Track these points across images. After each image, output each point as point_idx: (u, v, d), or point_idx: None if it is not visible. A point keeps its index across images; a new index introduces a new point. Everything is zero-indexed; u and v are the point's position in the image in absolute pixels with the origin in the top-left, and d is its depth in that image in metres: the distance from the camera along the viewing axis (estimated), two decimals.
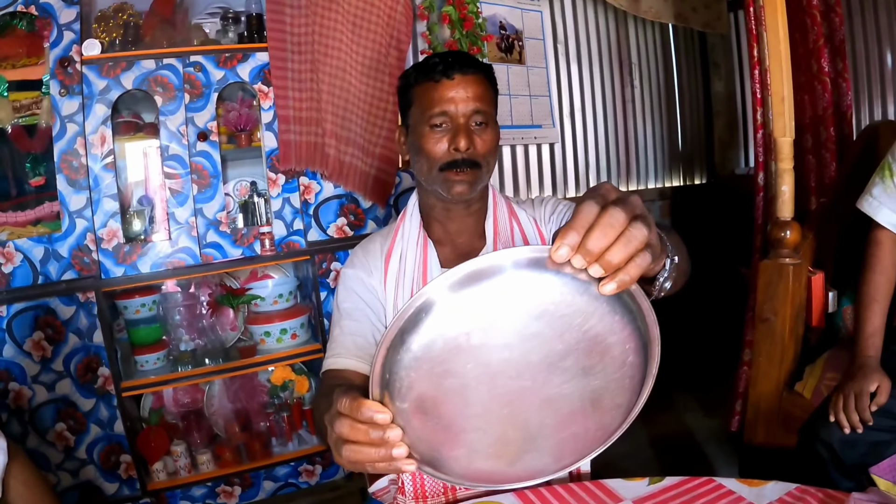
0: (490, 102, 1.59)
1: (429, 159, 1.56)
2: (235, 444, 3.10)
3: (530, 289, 0.80)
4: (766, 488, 1.22)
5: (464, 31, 3.32)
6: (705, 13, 4.59)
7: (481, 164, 1.55)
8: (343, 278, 1.70)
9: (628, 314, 0.83)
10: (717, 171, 5.24)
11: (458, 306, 0.81)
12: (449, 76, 1.53)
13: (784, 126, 2.40)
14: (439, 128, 1.54)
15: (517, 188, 3.99)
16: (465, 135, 1.51)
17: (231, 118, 3.07)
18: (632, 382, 0.89)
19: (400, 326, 0.82)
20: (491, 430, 0.89)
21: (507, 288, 0.80)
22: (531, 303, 0.80)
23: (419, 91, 1.58)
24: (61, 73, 2.70)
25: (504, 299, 0.80)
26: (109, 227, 2.79)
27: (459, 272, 0.80)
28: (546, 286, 0.79)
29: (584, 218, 0.72)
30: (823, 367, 2.40)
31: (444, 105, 1.53)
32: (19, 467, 1.53)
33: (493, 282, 0.80)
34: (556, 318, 0.81)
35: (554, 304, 0.80)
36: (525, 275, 0.79)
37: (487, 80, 1.60)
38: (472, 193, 1.57)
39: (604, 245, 0.71)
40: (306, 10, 2.94)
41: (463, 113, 1.53)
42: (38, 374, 2.71)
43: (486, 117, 1.56)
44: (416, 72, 1.60)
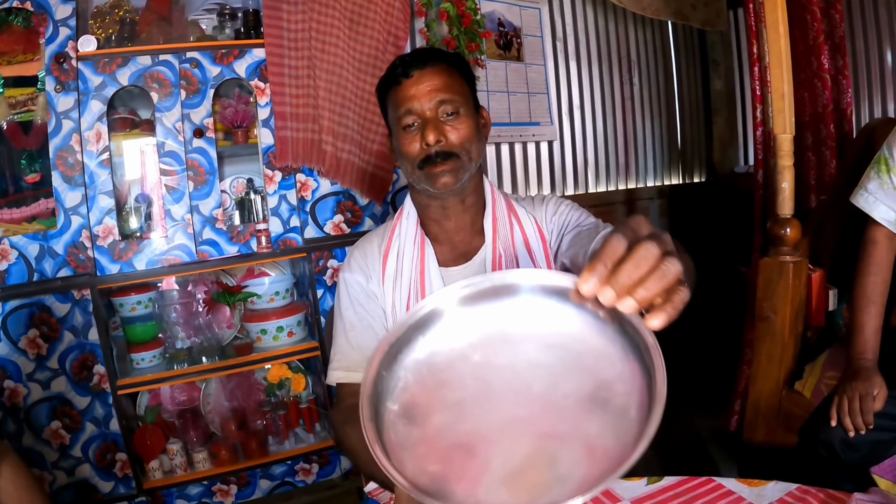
0: (457, 90, 1.57)
1: (407, 159, 1.57)
2: (232, 443, 3.09)
3: (548, 317, 0.79)
4: (767, 488, 1.21)
5: (462, 28, 3.31)
6: (704, 10, 4.58)
7: (459, 153, 1.54)
8: (343, 283, 1.69)
9: (642, 366, 0.80)
10: (716, 169, 5.23)
11: (472, 318, 0.80)
12: (408, 74, 1.54)
13: (784, 123, 2.39)
14: (411, 127, 1.55)
15: (515, 186, 3.98)
16: (432, 128, 1.51)
17: (227, 115, 3.06)
18: (627, 436, 0.87)
19: (409, 324, 0.81)
20: (474, 453, 0.86)
21: (525, 311, 0.79)
22: (546, 331, 0.79)
23: (390, 96, 1.60)
24: (57, 70, 2.69)
25: (519, 322, 0.79)
26: (105, 224, 2.77)
27: (479, 284, 0.78)
28: (565, 318, 0.79)
29: (614, 250, 0.71)
30: (823, 366, 2.39)
31: (408, 103, 1.53)
32: (9, 467, 1.52)
33: (511, 301, 0.79)
34: (568, 353, 0.80)
35: (570, 337, 0.79)
36: (544, 302, 0.78)
37: (453, 69, 1.59)
38: (458, 183, 1.56)
39: (636, 278, 0.70)
40: (303, 7, 2.93)
41: (428, 107, 1.52)
42: (33, 372, 2.70)
43: (455, 105, 1.54)
44: (384, 77, 1.62)
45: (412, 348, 0.81)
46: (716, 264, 3.96)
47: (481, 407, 0.83)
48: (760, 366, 2.48)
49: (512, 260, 1.61)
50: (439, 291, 0.80)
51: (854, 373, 2.01)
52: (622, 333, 0.79)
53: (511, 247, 1.62)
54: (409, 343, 0.81)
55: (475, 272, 1.62)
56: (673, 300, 0.71)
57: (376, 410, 0.83)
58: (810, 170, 3.06)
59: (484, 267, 1.62)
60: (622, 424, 0.85)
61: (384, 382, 0.83)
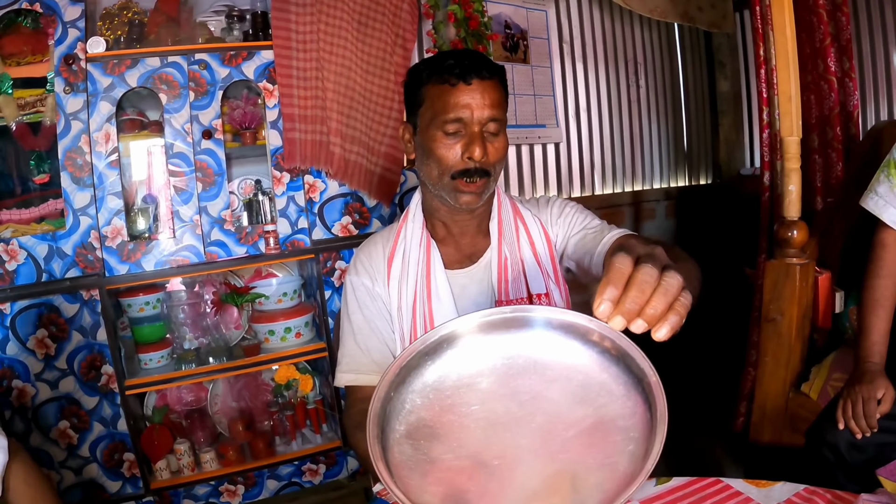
0: (503, 109, 1.55)
1: (440, 165, 1.53)
2: (239, 443, 3.10)
3: (555, 351, 0.80)
4: (775, 489, 1.21)
5: (469, 30, 3.32)
6: (711, 12, 4.58)
7: (491, 172, 1.53)
8: (350, 286, 1.69)
9: (644, 404, 0.83)
10: (722, 171, 5.22)
11: (482, 347, 0.81)
12: (467, 81, 1.48)
13: (791, 125, 2.39)
14: (453, 135, 1.50)
15: (522, 188, 3.98)
16: (479, 144, 1.48)
17: (236, 116, 3.06)
18: (624, 470, 0.88)
19: (419, 350, 0.81)
20: (474, 478, 0.89)
21: (533, 344, 0.80)
22: (552, 365, 0.80)
23: (432, 92, 1.53)
24: (66, 71, 2.70)
25: (527, 354, 0.80)
26: (113, 224, 2.78)
27: (493, 315, 0.79)
28: (572, 353, 0.80)
29: (620, 271, 0.74)
30: (830, 368, 2.39)
31: (459, 111, 1.48)
32: (20, 465, 1.53)
33: (522, 335, 0.80)
34: (572, 387, 0.82)
35: (575, 372, 0.81)
36: (553, 336, 0.79)
37: (501, 85, 1.56)
38: (479, 203, 1.55)
39: (642, 302, 0.73)
40: (311, 9, 2.94)
41: (478, 120, 1.49)
42: (42, 372, 2.71)
43: (499, 125, 1.52)
44: (428, 70, 1.55)
45: (421, 372, 0.82)
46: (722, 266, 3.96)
47: (483, 433, 0.85)
48: (767, 367, 2.48)
49: (518, 263, 1.61)
50: (455, 319, 0.81)
51: (861, 375, 2.01)
52: (628, 372, 0.81)
53: (517, 250, 1.62)
54: (418, 367, 0.82)
55: (480, 274, 1.62)
56: (677, 309, 0.74)
57: (383, 430, 0.85)
58: (817, 172, 3.06)
59: (489, 269, 1.62)
60: (621, 457, 0.87)
61: (392, 403, 0.84)
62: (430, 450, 0.86)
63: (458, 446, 0.86)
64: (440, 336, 0.81)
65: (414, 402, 0.83)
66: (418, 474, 0.88)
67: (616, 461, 0.87)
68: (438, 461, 0.87)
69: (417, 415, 0.84)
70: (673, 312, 0.73)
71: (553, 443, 0.85)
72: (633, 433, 0.84)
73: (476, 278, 1.62)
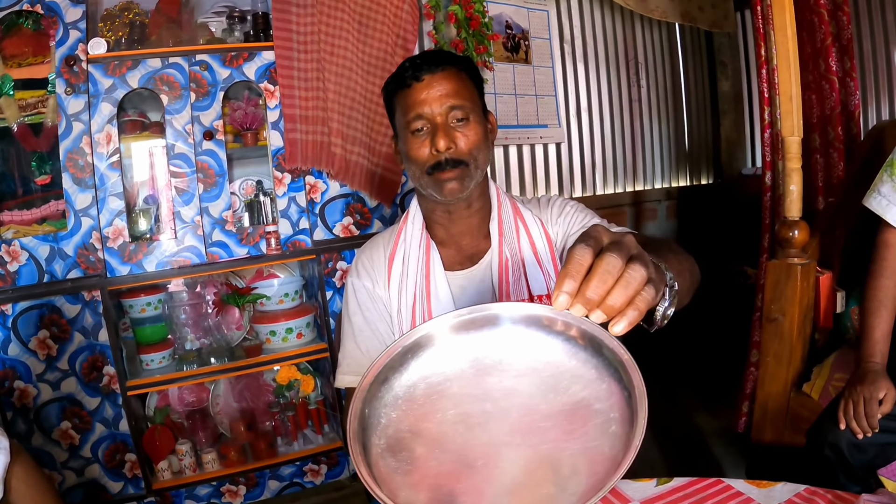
0: (467, 96, 1.54)
1: (415, 165, 1.55)
2: (240, 444, 3.10)
3: (521, 345, 0.80)
4: (776, 489, 1.21)
5: (470, 31, 3.32)
6: (712, 12, 4.59)
7: (467, 161, 1.53)
8: (350, 288, 1.70)
9: (618, 384, 0.82)
10: (723, 171, 5.23)
11: (448, 352, 0.81)
12: (418, 78, 1.51)
13: (792, 125, 2.39)
14: (420, 132, 1.52)
15: (523, 188, 3.98)
16: (443, 134, 1.49)
17: (237, 117, 3.07)
18: (611, 452, 0.87)
19: (386, 364, 0.82)
20: (461, 480, 0.89)
21: (499, 341, 0.80)
22: (519, 359, 0.81)
23: (397, 99, 1.57)
24: (67, 72, 2.70)
25: (493, 353, 0.81)
26: (115, 225, 2.79)
27: (456, 318, 0.80)
28: (538, 345, 0.80)
29: (579, 263, 0.72)
30: (831, 368, 2.39)
31: (418, 108, 1.51)
32: (21, 466, 1.53)
33: (486, 333, 0.80)
34: (542, 378, 0.81)
35: (542, 363, 0.81)
36: (518, 331, 0.79)
37: (463, 73, 1.57)
38: (465, 191, 1.55)
39: (603, 292, 0.71)
40: (312, 9, 2.94)
41: (438, 112, 1.50)
42: (44, 373, 2.71)
43: (465, 111, 1.52)
44: (392, 80, 1.59)
45: (391, 386, 0.83)
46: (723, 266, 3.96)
47: (462, 437, 0.85)
48: (768, 367, 2.48)
49: (518, 263, 1.61)
50: (418, 328, 0.81)
51: (862, 376, 2.01)
52: (598, 355, 0.81)
53: (518, 250, 1.62)
54: (387, 381, 0.83)
55: (481, 276, 1.62)
56: (636, 304, 0.72)
57: (364, 446, 0.85)
58: (818, 172, 3.06)
59: (490, 270, 1.62)
60: (604, 440, 0.86)
61: (368, 419, 0.84)
62: (412, 459, 0.86)
63: (440, 452, 0.86)
64: (405, 346, 0.81)
65: (389, 415, 0.84)
66: (406, 484, 0.88)
67: (600, 444, 0.86)
68: (423, 469, 0.87)
69: (394, 427, 0.84)
70: (632, 307, 0.72)
71: (533, 435, 0.85)
72: (613, 414, 0.83)
73: (476, 279, 1.62)
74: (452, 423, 0.84)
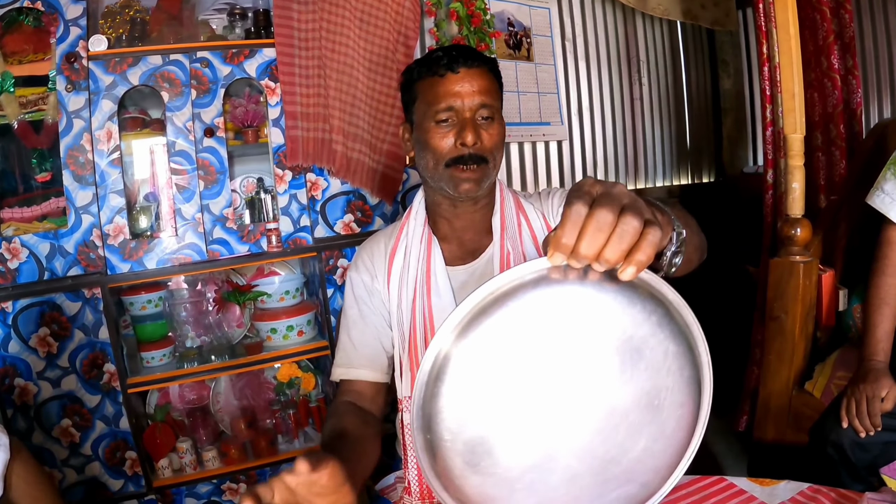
0: (495, 96, 1.57)
1: (435, 155, 1.55)
2: (241, 442, 3.09)
3: (541, 310, 0.78)
4: (779, 487, 1.21)
5: (471, 28, 3.32)
6: (714, 10, 4.58)
7: (488, 158, 1.54)
8: (349, 282, 1.72)
9: (651, 301, 0.80)
10: (725, 169, 5.23)
11: (477, 352, 0.79)
12: (454, 70, 1.52)
13: (794, 122, 2.39)
14: (445, 123, 1.52)
15: (525, 185, 3.98)
16: (471, 129, 1.50)
17: (238, 114, 3.06)
18: (683, 380, 0.85)
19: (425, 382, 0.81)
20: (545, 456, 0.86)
21: (526, 315, 0.78)
22: (547, 324, 0.78)
23: (423, 86, 1.57)
24: (68, 69, 2.70)
25: (529, 333, 0.78)
26: (115, 222, 2.78)
27: (460, 313, 0.78)
28: (556, 299, 0.77)
29: (573, 219, 0.71)
30: (833, 366, 2.39)
31: (449, 99, 1.51)
32: (21, 464, 1.53)
33: (507, 310, 0.78)
34: (580, 330, 0.79)
35: (571, 314, 0.78)
36: (542, 295, 0.77)
37: (492, 73, 1.59)
38: (479, 191, 1.56)
39: (597, 248, 0.70)
40: (314, 6, 2.93)
41: (469, 107, 1.51)
42: (44, 370, 2.71)
43: (491, 111, 1.54)
44: (419, 67, 1.59)
45: (439, 410, 0.82)
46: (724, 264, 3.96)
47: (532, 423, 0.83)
48: (770, 366, 2.48)
49: (520, 257, 1.61)
50: (435, 339, 0.80)
51: (864, 374, 2.01)
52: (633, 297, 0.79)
53: (519, 244, 1.62)
54: (434, 401, 0.82)
55: (482, 270, 1.62)
56: (643, 248, 0.71)
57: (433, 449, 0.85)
58: (820, 170, 3.07)
59: (491, 265, 1.62)
60: (670, 370, 0.84)
61: (432, 437, 0.84)
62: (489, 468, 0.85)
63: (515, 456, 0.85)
64: (433, 360, 0.80)
65: (446, 440, 0.83)
66: None
67: (667, 375, 0.85)
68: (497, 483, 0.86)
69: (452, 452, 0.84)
70: (639, 252, 0.71)
71: (601, 388, 0.83)
72: (662, 335, 0.82)
73: (477, 274, 1.62)
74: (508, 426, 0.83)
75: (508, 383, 0.81)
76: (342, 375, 1.65)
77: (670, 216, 0.91)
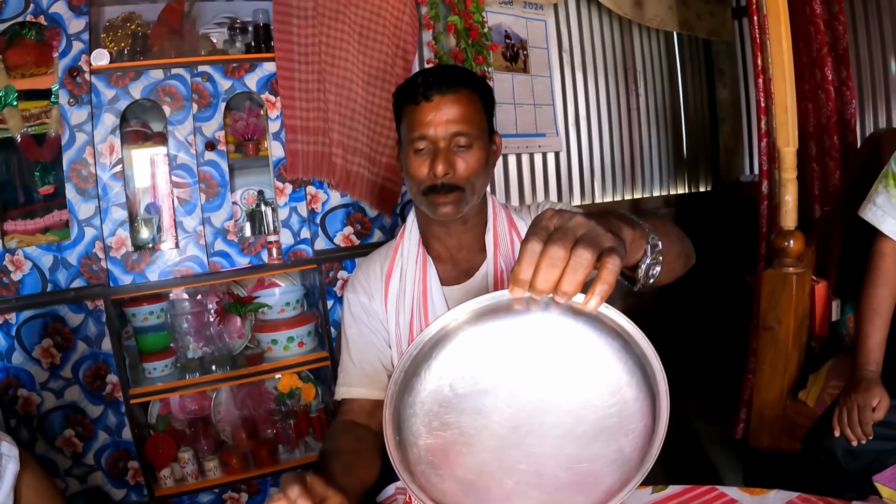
0: (474, 122, 1.55)
1: (413, 182, 1.57)
2: (242, 451, 3.11)
3: (500, 333, 0.82)
4: (769, 497, 1.23)
5: (469, 41, 3.34)
6: (710, 21, 4.62)
7: (463, 186, 1.54)
8: (346, 303, 1.73)
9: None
10: (722, 178, 5.25)
11: (437, 373, 0.84)
12: (428, 98, 1.51)
13: (787, 136, 2.41)
14: (421, 151, 1.53)
15: (522, 197, 4.00)
16: (443, 160, 1.50)
17: (238, 128, 3.09)
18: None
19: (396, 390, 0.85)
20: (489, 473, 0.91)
21: (474, 340, 0.83)
22: (506, 348, 0.83)
23: (405, 111, 1.58)
24: (70, 83, 2.72)
25: (478, 349, 0.83)
26: (118, 235, 2.80)
27: (422, 341, 0.83)
28: (536, 335, 0.82)
29: (528, 256, 0.75)
30: (827, 376, 2.41)
31: (422, 129, 1.51)
32: (30, 475, 1.54)
33: (456, 340, 0.83)
34: (543, 354, 0.83)
35: (536, 339, 0.82)
36: (487, 326, 0.82)
37: (475, 95, 1.57)
38: (458, 214, 1.57)
39: (552, 282, 0.74)
40: (313, 21, 2.96)
41: (442, 136, 1.51)
42: (47, 381, 2.73)
43: (469, 139, 1.53)
44: (401, 90, 1.59)
45: (408, 417, 0.86)
46: (722, 273, 3.98)
47: (486, 432, 0.87)
48: (764, 375, 2.50)
49: None
50: (406, 353, 0.84)
51: (856, 383, 2.04)
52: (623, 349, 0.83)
53: (513, 261, 1.62)
54: (404, 411, 0.86)
55: (477, 289, 1.64)
56: (604, 278, 0.75)
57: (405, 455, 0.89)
58: (814, 180, 3.09)
59: (486, 282, 1.63)
60: (625, 440, 0.88)
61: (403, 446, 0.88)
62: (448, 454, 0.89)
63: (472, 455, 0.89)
64: (407, 366, 0.84)
65: (419, 446, 0.88)
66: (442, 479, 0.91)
67: (620, 445, 0.88)
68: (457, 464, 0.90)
69: (426, 449, 0.89)
70: (600, 282, 0.75)
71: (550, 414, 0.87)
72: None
73: (472, 293, 1.63)
74: (474, 427, 0.86)
75: (470, 399, 0.85)
76: (344, 395, 1.67)
77: (644, 229, 0.94)
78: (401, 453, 0.89)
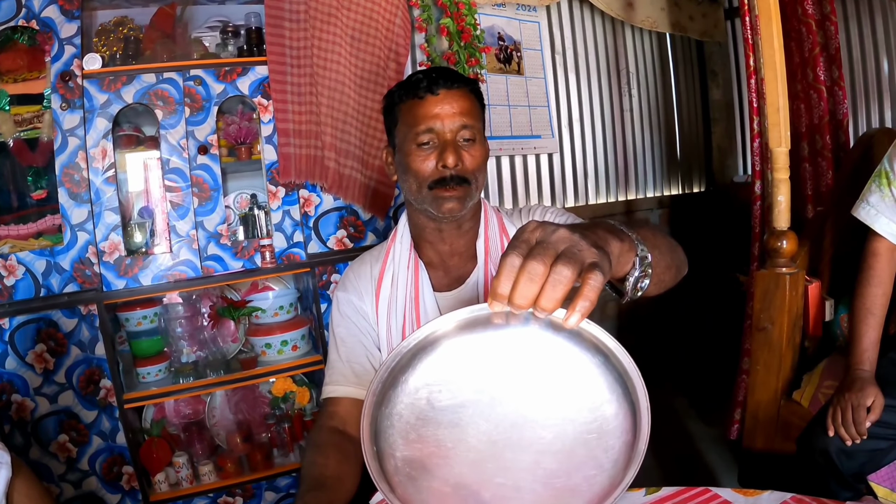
0: (476, 117, 1.58)
1: (417, 178, 1.55)
2: (237, 456, 3.11)
3: (479, 346, 0.82)
4: (762, 498, 1.24)
5: (462, 43, 3.34)
6: (702, 22, 4.63)
7: (470, 180, 1.55)
8: (336, 302, 1.73)
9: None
10: (715, 178, 5.26)
11: (416, 384, 0.83)
12: (434, 92, 1.52)
13: (779, 136, 2.41)
14: (426, 145, 1.53)
15: (516, 198, 4.00)
16: (452, 150, 1.51)
17: (231, 131, 3.09)
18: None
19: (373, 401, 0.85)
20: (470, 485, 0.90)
21: (452, 353, 0.82)
22: (488, 360, 0.82)
23: (404, 109, 1.57)
24: (62, 87, 2.72)
25: (456, 362, 0.82)
26: (111, 239, 2.80)
27: (400, 353, 0.83)
28: (518, 348, 0.81)
29: (507, 270, 0.74)
30: (821, 376, 2.41)
31: (429, 122, 1.52)
32: (23, 481, 1.54)
33: (439, 352, 0.82)
34: (523, 367, 0.82)
35: (517, 353, 0.82)
36: (472, 336, 0.82)
37: (473, 94, 1.59)
38: (462, 210, 1.57)
39: (530, 297, 0.73)
40: (305, 24, 2.96)
41: (450, 129, 1.52)
42: (41, 386, 2.72)
43: (473, 132, 1.55)
44: (399, 90, 1.60)
45: (385, 428, 0.86)
46: (715, 273, 3.98)
47: (463, 444, 0.86)
48: (758, 376, 2.50)
49: None
50: (382, 367, 0.84)
51: (850, 383, 2.04)
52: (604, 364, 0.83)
53: None
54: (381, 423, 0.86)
55: (469, 295, 1.63)
56: (586, 294, 0.74)
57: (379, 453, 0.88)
58: (807, 180, 3.09)
59: (477, 289, 1.63)
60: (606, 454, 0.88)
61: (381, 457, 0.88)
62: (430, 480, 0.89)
63: (451, 466, 0.88)
64: (383, 379, 0.84)
65: (396, 457, 0.87)
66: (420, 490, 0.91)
67: (601, 458, 0.88)
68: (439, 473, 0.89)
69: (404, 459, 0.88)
70: (582, 298, 0.74)
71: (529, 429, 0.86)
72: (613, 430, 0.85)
73: (464, 300, 1.63)
74: (451, 438, 0.86)
75: (448, 412, 0.85)
76: (331, 393, 1.66)
77: (633, 241, 0.93)
78: (378, 464, 0.88)
